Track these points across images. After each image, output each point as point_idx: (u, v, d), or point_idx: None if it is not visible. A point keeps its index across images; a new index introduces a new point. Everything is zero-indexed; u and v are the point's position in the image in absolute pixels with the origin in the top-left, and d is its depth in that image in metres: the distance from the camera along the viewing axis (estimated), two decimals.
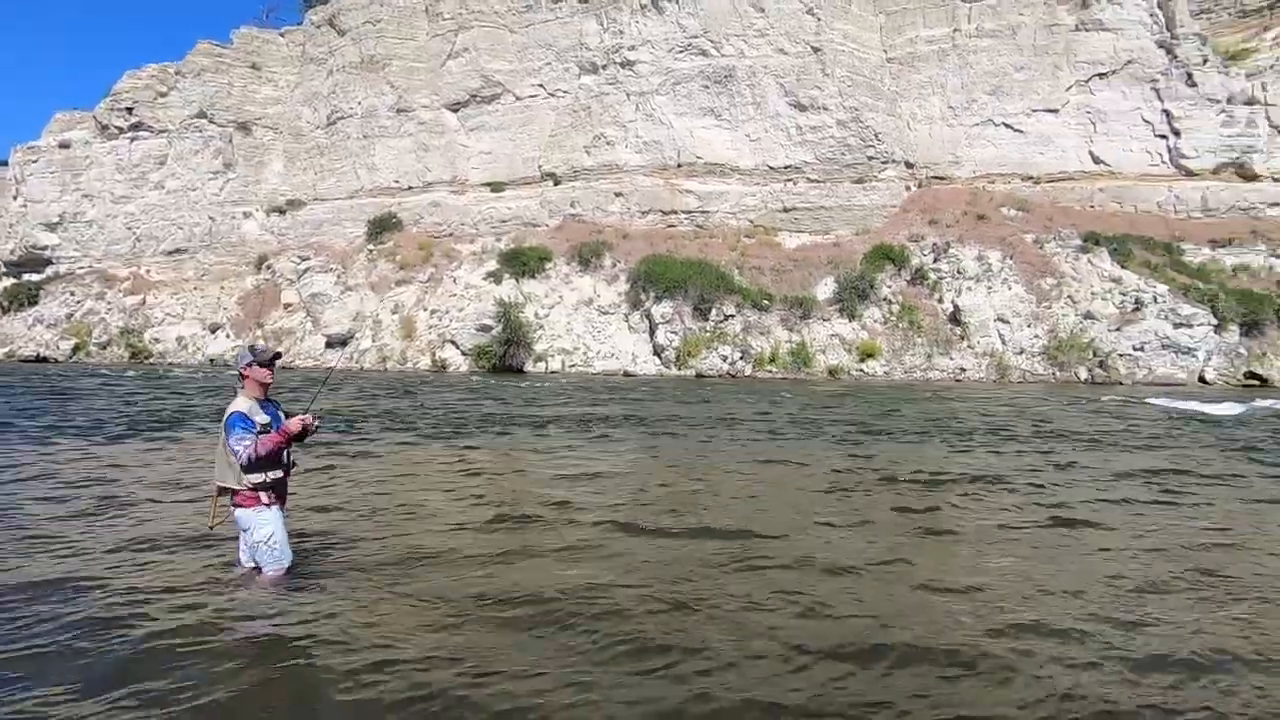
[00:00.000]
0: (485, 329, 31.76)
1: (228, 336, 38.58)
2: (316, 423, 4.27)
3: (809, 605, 4.04)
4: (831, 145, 37.23)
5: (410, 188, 41.99)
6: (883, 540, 5.46)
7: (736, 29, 37.87)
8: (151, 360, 38.10)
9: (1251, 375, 28.31)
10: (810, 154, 37.49)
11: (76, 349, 39.02)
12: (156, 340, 39.49)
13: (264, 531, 4.16)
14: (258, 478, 4.10)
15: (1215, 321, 28.98)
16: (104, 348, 39.55)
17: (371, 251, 39.69)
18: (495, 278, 35.31)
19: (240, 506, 4.14)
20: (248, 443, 3.97)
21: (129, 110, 44.76)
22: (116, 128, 44.88)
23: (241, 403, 4.14)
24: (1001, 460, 9.45)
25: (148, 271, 44.21)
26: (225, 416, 4.12)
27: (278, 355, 4.47)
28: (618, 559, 4.89)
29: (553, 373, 30.40)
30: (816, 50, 37.12)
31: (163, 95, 45.12)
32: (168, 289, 43.18)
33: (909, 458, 9.49)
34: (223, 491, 4.18)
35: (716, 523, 5.83)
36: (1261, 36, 38.45)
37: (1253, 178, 36.96)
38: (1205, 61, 37.07)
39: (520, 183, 40.91)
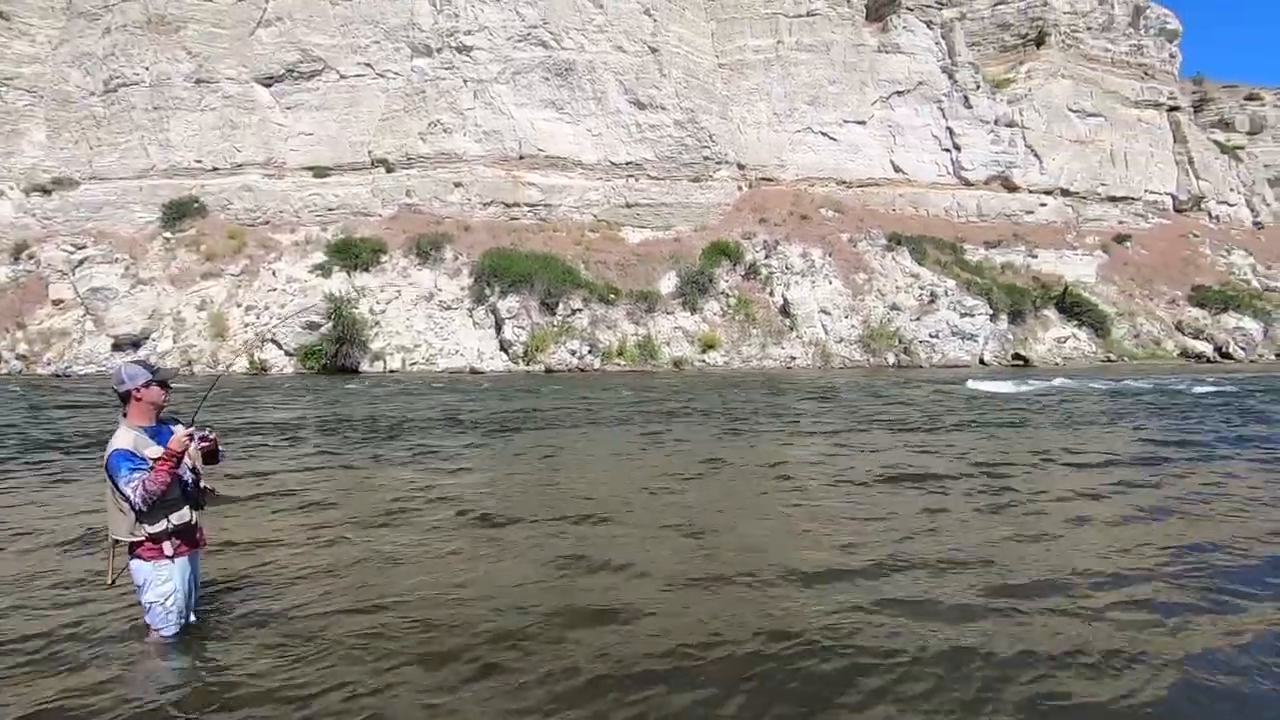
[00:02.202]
0: (313, 326, 29.16)
1: None
2: (210, 433, 3.61)
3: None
4: (670, 144, 38.51)
5: (215, 169, 37.28)
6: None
7: (576, 23, 37.84)
8: None
9: (1017, 356, 33.55)
10: (650, 152, 38.50)
11: None
12: None
13: (162, 590, 3.46)
14: (157, 525, 3.37)
15: (991, 311, 33.94)
16: None
17: (169, 240, 34.79)
18: (323, 270, 32.50)
19: (138, 558, 3.40)
20: (135, 484, 3.23)
21: None
22: None
23: (124, 436, 3.35)
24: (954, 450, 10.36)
25: None
26: (106, 457, 3.33)
27: (176, 373, 3.69)
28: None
29: (392, 372, 28.67)
30: (654, 50, 38.14)
31: None
32: None
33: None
34: (120, 542, 3.43)
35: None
36: (1018, 70, 45.44)
37: (1014, 189, 43.71)
38: (978, 88, 43.14)
39: (348, 168, 37.91)
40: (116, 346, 30.51)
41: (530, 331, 30.16)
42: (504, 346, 30.40)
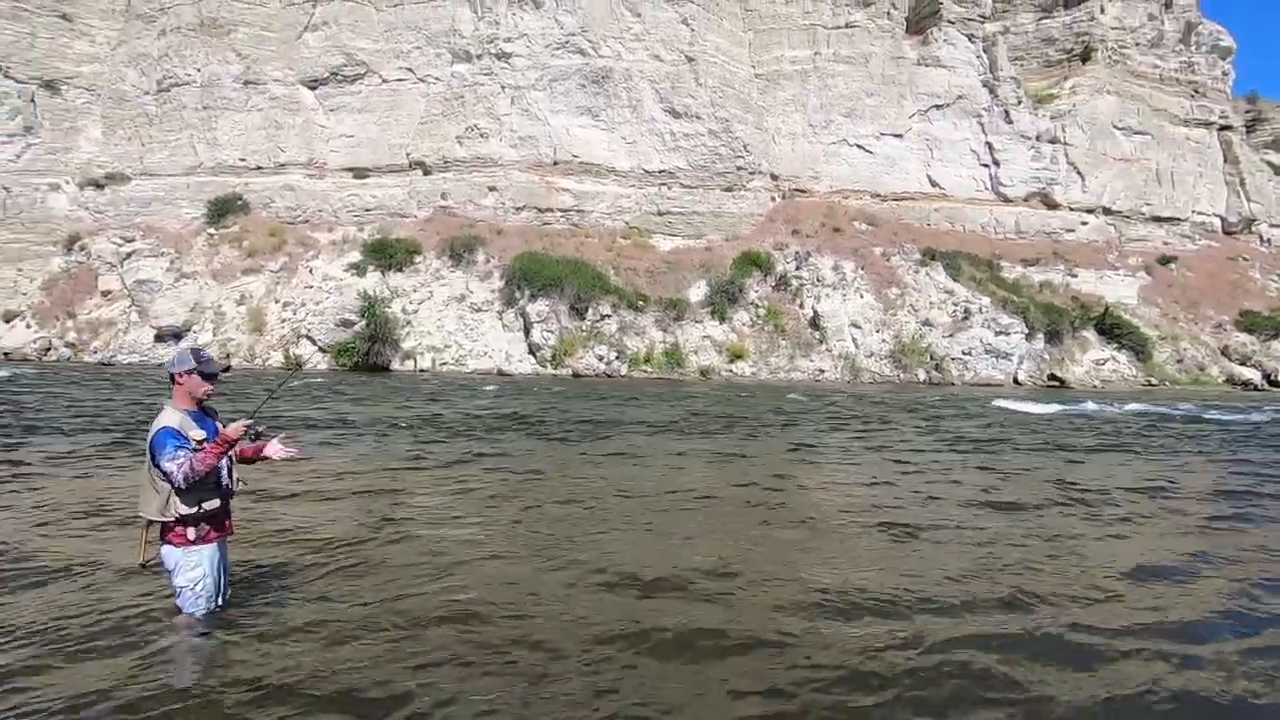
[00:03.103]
0: (347, 324, 29.74)
1: (29, 327, 33.31)
2: (261, 428, 3.71)
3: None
4: (704, 153, 38.55)
5: (259, 168, 38.35)
6: None
7: (614, 31, 38.16)
8: None
9: (1053, 378, 32.75)
10: (683, 160, 38.58)
11: None
12: None
13: (192, 575, 3.59)
14: (190, 507, 3.48)
15: (1027, 330, 33.21)
16: None
17: (213, 236, 35.84)
18: (359, 270, 33.16)
19: (169, 543, 3.53)
20: (182, 460, 3.34)
21: None
22: None
23: (170, 415, 3.49)
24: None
25: None
26: (151, 434, 3.44)
27: (226, 369, 3.77)
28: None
29: (422, 371, 29.09)
30: (690, 60, 38.27)
31: None
32: None
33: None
34: (152, 523, 3.55)
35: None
36: (1062, 85, 44.55)
37: (1054, 206, 42.79)
38: (1019, 102, 42.39)
39: (386, 170, 38.68)
40: (159, 338, 31.48)
41: (559, 336, 30.35)
42: (532, 350, 30.64)
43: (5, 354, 31.81)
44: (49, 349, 32.08)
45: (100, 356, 31.00)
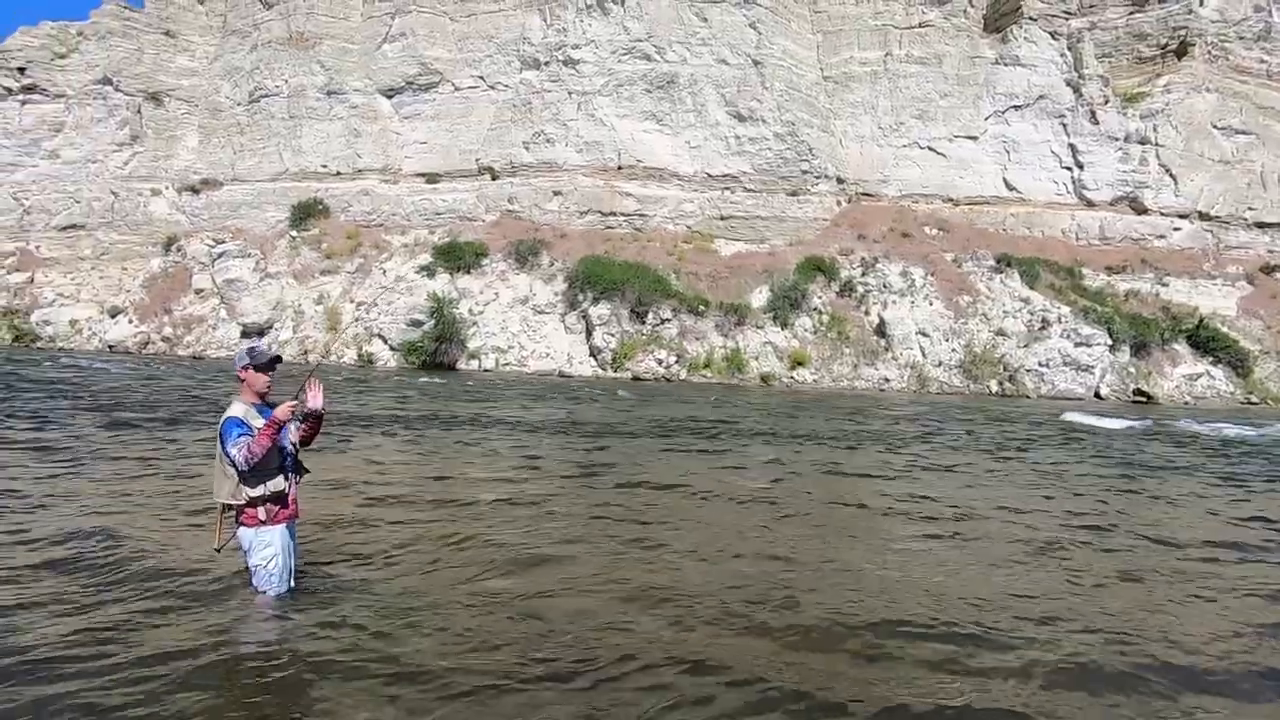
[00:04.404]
0: (416, 324, 30.79)
1: (130, 322, 35.84)
2: (305, 409, 3.96)
3: None
4: (768, 157, 38.15)
5: (339, 173, 40.22)
6: None
7: (680, 36, 38.26)
8: (40, 345, 34.97)
9: (1139, 392, 30.86)
10: (748, 164, 38.29)
11: None
12: (46, 323, 36.27)
13: (264, 554, 3.86)
14: (256, 490, 3.77)
15: (1110, 342, 31.43)
16: None
17: (295, 238, 37.77)
18: (429, 271, 34.29)
19: (243, 524, 3.84)
20: (242, 445, 3.63)
21: (21, 70, 40.90)
22: (5, 88, 40.91)
23: (237, 408, 3.81)
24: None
25: (37, 247, 40.48)
26: (220, 424, 3.78)
27: (278, 359, 4.03)
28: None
29: (486, 371, 29.81)
30: (757, 63, 37.98)
31: (61, 57, 41.50)
32: (60, 267, 39.69)
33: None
34: (227, 509, 3.85)
35: None
36: (1154, 82, 41.96)
37: (1143, 211, 40.35)
38: (1106, 102, 40.21)
39: (457, 175, 39.91)
40: (244, 334, 33.37)
41: (619, 339, 30.58)
42: (593, 352, 30.97)
43: (110, 347, 34.35)
44: (147, 343, 34.46)
45: (192, 351, 33.10)
